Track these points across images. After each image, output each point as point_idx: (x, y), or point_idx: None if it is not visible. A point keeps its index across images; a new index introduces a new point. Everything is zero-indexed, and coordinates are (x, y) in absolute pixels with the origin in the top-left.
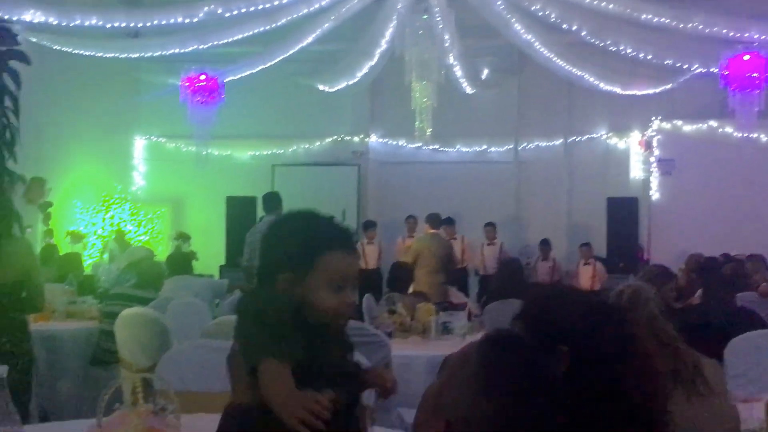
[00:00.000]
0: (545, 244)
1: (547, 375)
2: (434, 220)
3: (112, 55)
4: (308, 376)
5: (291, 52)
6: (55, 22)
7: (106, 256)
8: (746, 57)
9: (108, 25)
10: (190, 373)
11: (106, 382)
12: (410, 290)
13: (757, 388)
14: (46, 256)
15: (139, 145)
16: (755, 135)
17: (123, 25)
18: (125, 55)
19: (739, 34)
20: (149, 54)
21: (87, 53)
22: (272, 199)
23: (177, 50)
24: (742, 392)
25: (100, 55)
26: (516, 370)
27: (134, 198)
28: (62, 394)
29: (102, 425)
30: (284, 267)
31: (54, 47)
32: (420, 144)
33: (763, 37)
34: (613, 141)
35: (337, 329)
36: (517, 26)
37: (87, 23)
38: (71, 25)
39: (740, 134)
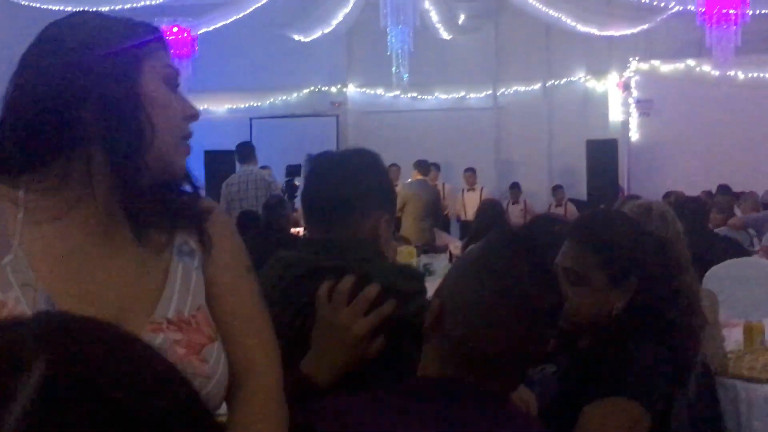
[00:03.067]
0: (514, 187)
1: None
2: (423, 167)
3: (81, 8)
4: None
5: (264, 1)
6: None
7: None
8: None
9: None
10: None
11: None
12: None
13: (735, 313)
14: None
15: None
16: (732, 72)
17: None
18: (94, 8)
19: None
20: (119, 6)
21: (55, 7)
22: (246, 149)
23: (148, 2)
24: (722, 317)
25: (69, 9)
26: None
27: None
28: None
29: None
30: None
31: (22, 2)
32: (398, 92)
33: None
34: (592, 84)
35: None
36: None
37: None
38: None
39: (718, 72)
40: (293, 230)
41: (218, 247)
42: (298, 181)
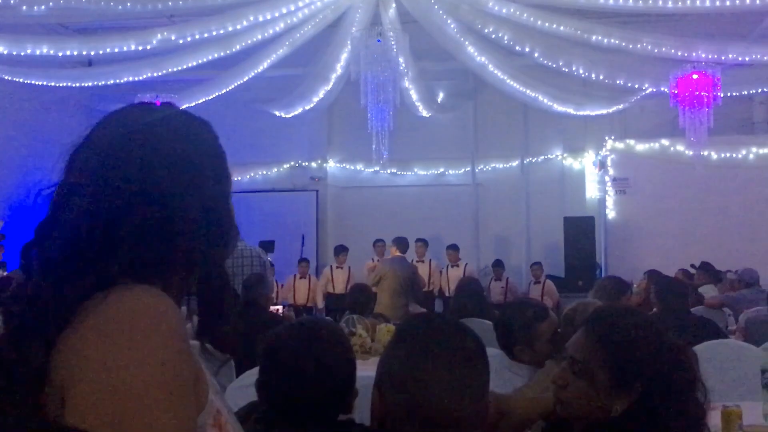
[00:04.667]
0: (498, 264)
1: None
2: (402, 244)
3: (65, 84)
4: None
5: (246, 78)
6: (5, 52)
7: None
8: (695, 76)
9: (60, 54)
10: None
11: None
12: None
13: (712, 397)
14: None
15: None
16: (706, 152)
17: (75, 53)
18: (78, 83)
19: (687, 54)
20: (103, 82)
21: (39, 83)
22: None
23: (131, 78)
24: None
25: (52, 84)
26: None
27: None
28: None
29: None
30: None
31: (5, 77)
32: (378, 168)
33: (710, 56)
34: (569, 161)
35: None
36: (471, 49)
37: (39, 52)
38: (22, 54)
39: (691, 152)
40: (272, 308)
41: None
42: (270, 257)
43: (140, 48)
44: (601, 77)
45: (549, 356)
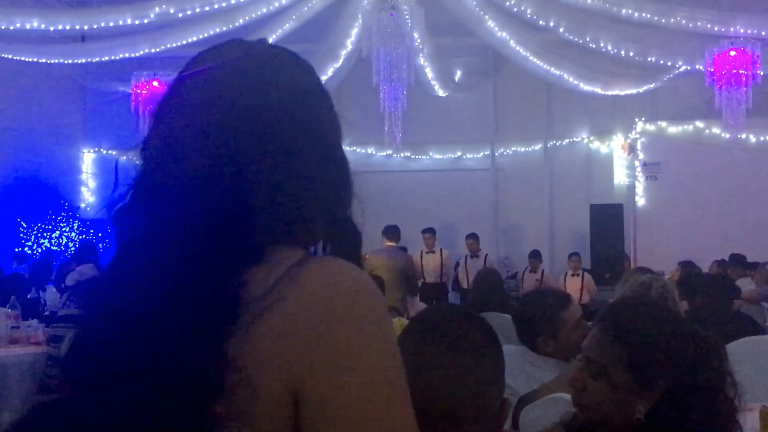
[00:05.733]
0: (535, 255)
1: None
2: (392, 233)
3: (56, 60)
4: None
5: None
6: None
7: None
8: (732, 53)
9: (51, 28)
10: None
11: None
12: None
13: (751, 396)
14: None
15: (88, 158)
16: (744, 135)
17: (68, 27)
18: (70, 60)
19: (724, 29)
20: (96, 59)
21: (29, 59)
22: None
23: (126, 55)
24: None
25: (43, 60)
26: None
27: (83, 216)
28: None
29: None
30: None
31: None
32: (390, 152)
33: (749, 31)
34: (596, 145)
35: None
36: (491, 23)
37: (28, 26)
38: (11, 28)
39: (728, 135)
40: None
41: None
42: None
43: (137, 22)
44: (631, 54)
45: (576, 349)
